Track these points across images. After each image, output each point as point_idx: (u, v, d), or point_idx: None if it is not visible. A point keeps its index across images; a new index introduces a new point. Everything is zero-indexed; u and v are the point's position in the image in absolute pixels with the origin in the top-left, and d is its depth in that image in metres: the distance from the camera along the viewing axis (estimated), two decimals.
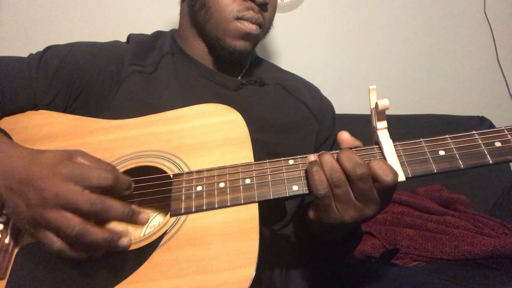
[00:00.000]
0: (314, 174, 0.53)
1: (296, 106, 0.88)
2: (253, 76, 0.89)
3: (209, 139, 0.64)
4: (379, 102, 0.55)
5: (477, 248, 1.04)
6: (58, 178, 0.51)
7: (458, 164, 0.55)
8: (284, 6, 1.42)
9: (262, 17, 0.80)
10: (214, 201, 0.57)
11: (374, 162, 0.52)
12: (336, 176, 0.52)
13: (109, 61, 0.79)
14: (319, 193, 0.52)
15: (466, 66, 1.54)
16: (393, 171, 0.51)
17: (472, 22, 1.52)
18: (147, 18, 1.34)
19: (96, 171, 0.52)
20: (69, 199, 0.50)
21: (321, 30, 1.47)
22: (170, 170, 0.61)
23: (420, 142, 0.57)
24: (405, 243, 1.11)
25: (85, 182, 0.51)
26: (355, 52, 1.50)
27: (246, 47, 0.80)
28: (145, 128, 0.67)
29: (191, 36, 0.86)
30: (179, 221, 0.56)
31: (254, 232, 0.53)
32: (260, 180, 0.57)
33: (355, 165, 0.51)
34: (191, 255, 0.53)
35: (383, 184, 0.50)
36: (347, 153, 0.53)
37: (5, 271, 0.55)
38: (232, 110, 0.67)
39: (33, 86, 0.73)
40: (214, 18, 0.79)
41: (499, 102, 1.57)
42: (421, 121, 1.46)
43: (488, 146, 0.55)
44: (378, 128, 0.57)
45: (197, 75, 0.83)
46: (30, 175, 0.52)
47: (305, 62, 1.46)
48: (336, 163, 0.53)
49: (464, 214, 1.21)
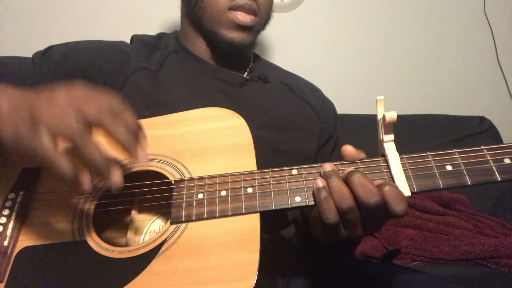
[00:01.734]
0: (323, 202, 0.50)
1: (299, 104, 0.88)
2: (257, 74, 0.88)
3: (211, 145, 0.63)
4: (386, 115, 0.53)
5: (477, 248, 1.04)
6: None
7: (465, 180, 0.53)
8: (284, 6, 1.41)
9: (255, 3, 0.79)
10: (215, 209, 0.56)
11: (386, 189, 0.49)
12: (346, 204, 0.49)
13: (113, 55, 0.79)
14: (329, 222, 0.50)
15: (466, 66, 1.54)
16: (404, 199, 0.49)
17: (472, 22, 1.51)
18: (149, 21, 1.34)
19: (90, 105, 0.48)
20: (59, 117, 0.46)
21: (321, 30, 1.46)
22: (171, 175, 0.60)
23: (427, 156, 0.56)
24: (405, 243, 1.11)
25: (83, 104, 0.47)
26: (355, 52, 1.49)
27: (243, 38, 0.80)
28: (147, 131, 0.65)
29: (191, 34, 0.86)
30: (179, 229, 0.55)
31: (255, 244, 0.52)
32: (262, 189, 0.56)
33: (368, 194, 0.48)
34: (190, 265, 0.52)
35: (393, 212, 0.49)
36: (359, 179, 0.49)
37: (3, 274, 0.54)
38: (236, 115, 0.66)
39: (36, 79, 0.73)
40: (208, 11, 0.79)
41: (499, 102, 1.57)
42: (421, 121, 1.45)
43: (497, 163, 0.54)
44: (384, 140, 0.55)
45: (201, 72, 0.83)
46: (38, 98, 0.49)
47: (305, 62, 1.46)
48: (346, 189, 0.50)
49: (464, 214, 1.21)
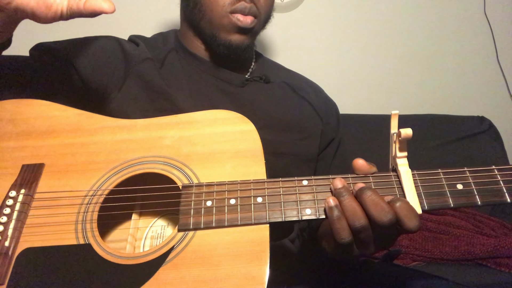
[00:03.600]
0: (335, 222, 0.50)
1: (301, 104, 0.87)
2: (258, 74, 0.87)
3: (220, 149, 0.62)
4: (402, 132, 0.53)
5: (477, 248, 1.05)
6: None
7: (475, 200, 0.54)
8: (284, 6, 1.40)
9: (255, 6, 0.78)
10: (224, 218, 0.55)
11: (399, 205, 0.49)
12: (360, 223, 0.49)
13: (116, 46, 0.79)
14: (343, 242, 0.50)
15: (466, 66, 1.54)
16: (417, 216, 0.49)
17: (472, 22, 1.52)
18: (148, 20, 1.31)
19: None
20: None
21: (321, 30, 1.45)
22: (179, 180, 0.59)
23: (439, 173, 0.56)
24: (405, 243, 1.12)
25: None
26: (355, 52, 1.49)
27: (242, 41, 0.79)
28: (154, 131, 0.65)
29: (190, 35, 0.85)
30: (186, 236, 0.54)
31: (264, 256, 0.52)
32: (272, 200, 0.56)
33: (381, 213, 0.48)
34: (198, 275, 0.51)
35: (406, 229, 0.49)
36: (371, 197, 0.49)
37: (4, 276, 0.53)
38: (245, 119, 0.65)
39: (34, 69, 0.72)
40: (208, 15, 0.78)
41: (499, 102, 1.58)
42: (421, 121, 1.45)
43: (507, 184, 0.54)
44: (398, 156, 0.55)
45: (202, 71, 0.82)
46: None
47: (305, 62, 1.44)
48: (359, 207, 0.50)
49: (464, 214, 1.22)
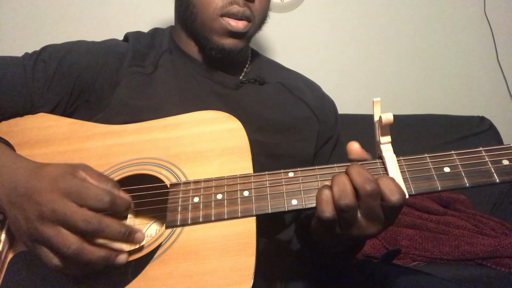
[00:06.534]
0: (321, 193, 0.50)
1: (297, 105, 0.85)
2: (253, 75, 0.85)
3: (207, 148, 0.63)
4: (383, 116, 0.53)
5: (477, 248, 1.04)
6: (56, 193, 0.50)
7: (463, 182, 0.53)
8: (284, 6, 1.41)
9: (249, 10, 0.76)
10: (211, 213, 0.55)
11: (383, 179, 0.49)
12: (345, 194, 0.49)
13: (108, 59, 0.77)
14: (324, 216, 0.50)
15: (466, 66, 1.54)
16: (401, 191, 0.49)
17: (472, 22, 1.51)
18: (144, 16, 1.33)
19: (94, 190, 0.51)
20: (65, 216, 0.49)
21: (321, 30, 1.46)
22: (167, 179, 0.60)
23: (425, 157, 0.55)
24: (405, 243, 1.10)
25: (82, 200, 0.50)
26: (355, 52, 1.49)
27: (235, 45, 0.77)
28: (143, 135, 0.66)
29: (184, 36, 0.84)
30: (174, 233, 0.55)
31: (250, 248, 0.52)
32: (258, 193, 0.56)
33: (365, 181, 0.48)
34: (185, 270, 0.51)
35: (389, 203, 0.48)
36: (357, 168, 0.50)
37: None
38: (232, 118, 0.65)
39: (29, 89, 0.71)
40: (200, 17, 0.77)
41: (499, 102, 1.56)
42: (421, 121, 1.45)
43: (495, 164, 0.53)
44: (381, 142, 0.55)
45: (195, 73, 0.81)
46: (30, 189, 0.51)
47: (305, 62, 1.45)
48: (348, 181, 0.50)
49: (464, 214, 1.20)
